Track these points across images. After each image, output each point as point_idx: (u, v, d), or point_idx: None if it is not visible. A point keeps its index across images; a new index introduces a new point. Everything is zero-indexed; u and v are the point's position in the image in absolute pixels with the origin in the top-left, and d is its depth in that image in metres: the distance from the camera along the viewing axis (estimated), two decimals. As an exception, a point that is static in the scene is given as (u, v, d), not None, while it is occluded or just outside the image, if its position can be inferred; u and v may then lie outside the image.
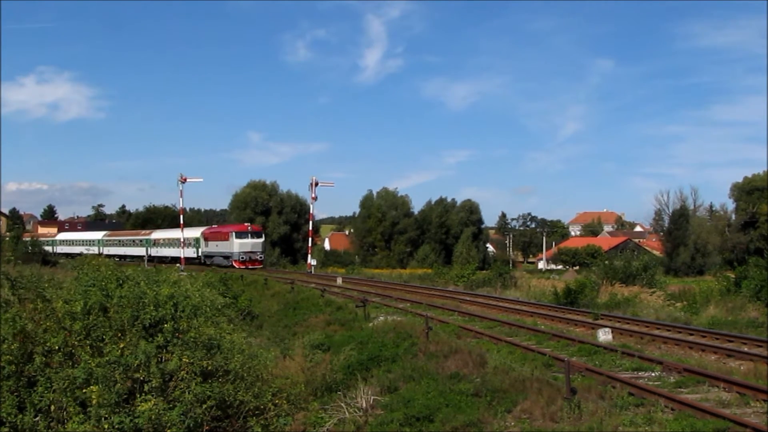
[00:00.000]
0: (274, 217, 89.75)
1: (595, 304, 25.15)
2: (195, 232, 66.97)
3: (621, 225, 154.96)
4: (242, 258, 56.35)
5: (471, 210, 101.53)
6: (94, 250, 79.79)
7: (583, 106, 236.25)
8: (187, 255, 62.86)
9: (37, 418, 10.08)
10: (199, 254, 63.49)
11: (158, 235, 75.32)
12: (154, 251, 70.94)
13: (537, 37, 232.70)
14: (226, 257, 58.17)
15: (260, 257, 58.28)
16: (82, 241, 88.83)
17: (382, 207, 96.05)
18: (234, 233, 57.82)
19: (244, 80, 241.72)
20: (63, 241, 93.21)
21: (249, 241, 57.70)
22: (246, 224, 61.99)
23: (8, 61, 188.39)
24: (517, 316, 21.27)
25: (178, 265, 57.80)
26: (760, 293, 25.25)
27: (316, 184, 58.63)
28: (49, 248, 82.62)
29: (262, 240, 59.91)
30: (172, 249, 68.07)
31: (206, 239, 63.29)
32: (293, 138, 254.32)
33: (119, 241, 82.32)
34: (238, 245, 56.88)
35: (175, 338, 11.09)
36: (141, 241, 76.61)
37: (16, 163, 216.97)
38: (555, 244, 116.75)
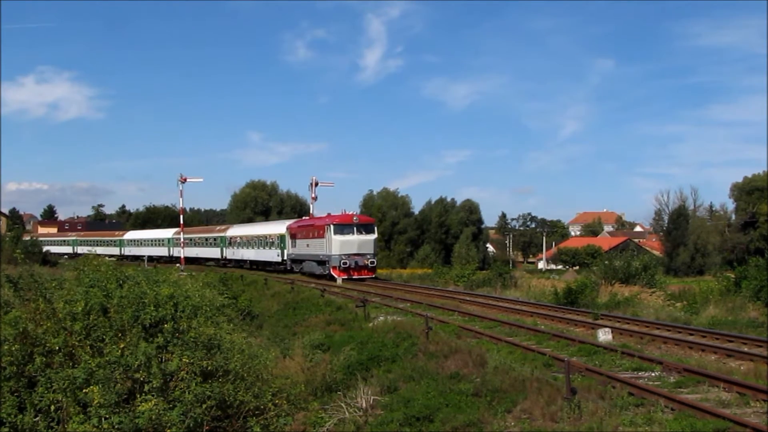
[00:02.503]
0: (274, 217, 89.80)
1: (595, 304, 25.15)
2: (278, 227, 50.58)
3: (621, 225, 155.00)
4: (345, 264, 38.60)
5: (471, 210, 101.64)
6: (162, 251, 70.93)
7: (583, 106, 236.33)
8: (267, 257, 50.47)
9: (37, 419, 10.09)
10: (285, 257, 47.64)
11: (235, 231, 60.16)
12: (230, 252, 58.21)
13: (537, 37, 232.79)
14: (321, 262, 40.66)
15: (371, 262, 39.53)
16: (151, 241, 76.49)
17: (383, 207, 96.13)
18: (332, 227, 39.33)
19: (244, 80, 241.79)
20: (131, 241, 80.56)
21: (355, 238, 39.19)
22: (351, 213, 42.02)
23: (8, 61, 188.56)
24: (517, 316, 21.27)
25: (177, 265, 56.47)
26: (760, 293, 25.26)
27: (316, 184, 58.62)
28: (115, 250, 77.65)
29: (374, 237, 40.36)
30: (254, 250, 53.65)
31: (293, 236, 46.05)
32: (293, 138, 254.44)
33: (191, 240, 67.26)
34: (338, 244, 38.93)
35: (175, 338, 11.09)
36: (215, 240, 62.55)
37: (16, 163, 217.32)
38: (555, 244, 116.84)
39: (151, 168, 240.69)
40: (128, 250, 78.07)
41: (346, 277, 38.34)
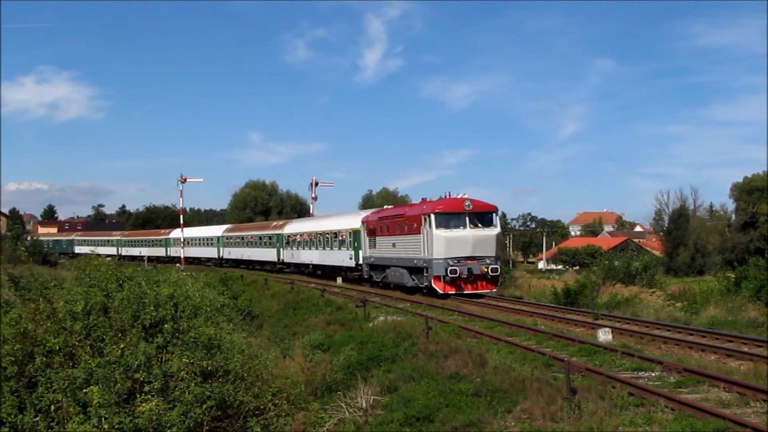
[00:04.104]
0: (274, 217, 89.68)
1: (595, 304, 25.15)
2: (350, 220, 37.76)
3: (621, 225, 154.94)
4: (454, 272, 25.96)
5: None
6: (210, 252, 61.99)
7: (583, 106, 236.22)
8: (335, 261, 38.82)
9: (37, 419, 10.10)
10: (360, 261, 35.14)
11: (295, 227, 47.39)
12: (289, 254, 46.77)
13: (537, 37, 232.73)
14: (415, 270, 28.35)
15: (493, 270, 26.75)
16: (200, 240, 66.07)
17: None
18: (433, 217, 26.67)
19: (244, 80, 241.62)
20: (177, 240, 68.88)
21: (468, 233, 26.58)
22: (461, 196, 28.03)
23: (8, 61, 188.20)
24: (517, 316, 21.26)
25: (178, 264, 56.02)
26: (760, 293, 25.28)
27: (316, 184, 58.70)
28: (161, 250, 70.50)
29: (495, 232, 27.54)
30: (318, 251, 41.31)
31: (371, 232, 33.13)
32: (293, 138, 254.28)
33: (241, 238, 56.69)
34: (442, 243, 26.37)
35: (175, 338, 11.10)
36: (270, 239, 50.44)
37: (16, 163, 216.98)
38: (555, 244, 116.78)
39: (151, 168, 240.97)
40: (174, 251, 68.36)
41: (454, 291, 26.21)
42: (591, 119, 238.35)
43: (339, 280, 38.41)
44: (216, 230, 64.39)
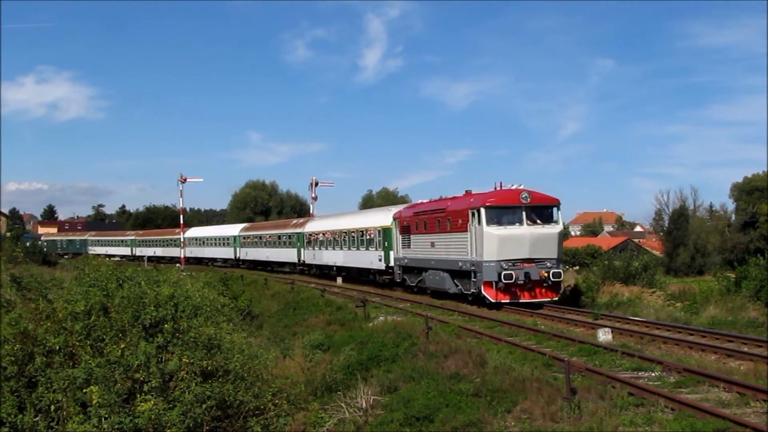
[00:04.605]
0: (274, 217, 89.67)
1: (595, 304, 25.14)
2: (379, 216, 33.98)
3: (621, 225, 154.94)
4: (508, 277, 22.28)
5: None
6: (227, 252, 58.86)
7: (583, 106, 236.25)
8: (362, 262, 34.90)
9: (37, 418, 10.10)
10: (391, 262, 31.46)
11: (317, 225, 43.29)
12: (310, 255, 42.84)
13: (537, 37, 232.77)
14: (460, 274, 24.80)
15: (555, 274, 22.93)
16: (215, 239, 62.32)
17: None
18: (484, 211, 22.98)
19: (244, 80, 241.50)
20: (194, 240, 66.48)
21: (525, 231, 22.96)
22: (516, 186, 24.12)
23: (8, 61, 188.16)
24: (517, 316, 21.26)
25: (178, 265, 55.70)
26: (760, 293, 25.25)
27: (316, 184, 58.66)
28: (176, 250, 66.47)
29: (557, 230, 23.88)
30: (343, 251, 37.44)
31: (405, 230, 29.54)
32: (293, 138, 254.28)
33: (259, 238, 52.70)
34: (495, 242, 22.70)
35: (175, 338, 11.10)
36: (290, 238, 46.67)
37: (16, 163, 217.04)
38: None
39: (151, 168, 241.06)
40: (189, 251, 66.05)
41: (508, 300, 22.52)
42: (591, 119, 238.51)
43: (339, 280, 38.28)
44: (232, 229, 60.64)
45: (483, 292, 22.92)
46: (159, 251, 72.47)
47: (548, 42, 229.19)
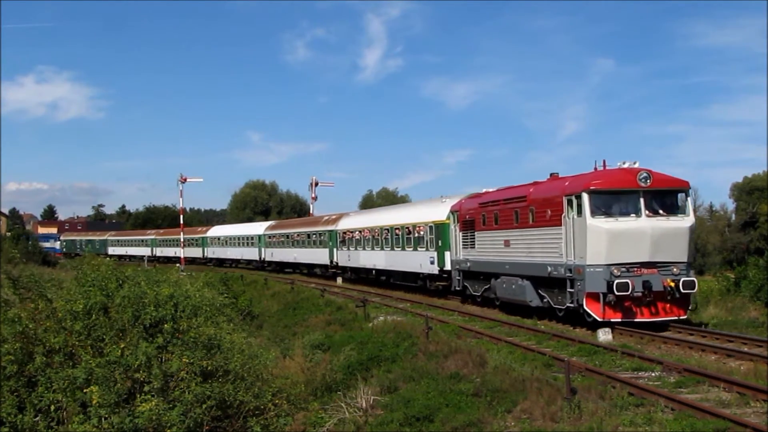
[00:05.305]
0: (274, 217, 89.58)
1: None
2: (431, 210, 29.01)
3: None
4: (625, 286, 16.38)
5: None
6: (251, 253, 54.83)
7: (583, 106, 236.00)
8: (407, 266, 30.16)
9: (37, 418, 10.11)
10: (447, 266, 26.50)
11: (352, 221, 38.95)
12: (344, 257, 38.21)
13: (537, 37, 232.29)
14: (551, 282, 19.07)
15: (687, 281, 17.01)
16: (239, 239, 57.96)
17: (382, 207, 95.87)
18: (587, 197, 17.06)
19: (244, 80, 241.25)
20: (214, 239, 62.85)
21: (645, 224, 16.95)
22: (629, 164, 17.81)
23: (8, 61, 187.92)
24: (517, 316, 21.25)
25: (177, 265, 55.66)
26: (760, 293, 25.23)
27: (316, 184, 58.76)
28: (198, 251, 64.24)
29: (688, 223, 17.49)
30: (384, 252, 32.60)
31: (467, 225, 24.31)
32: (293, 138, 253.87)
33: (287, 237, 47.95)
34: (604, 239, 16.88)
35: (175, 338, 11.11)
36: (321, 236, 42.17)
37: (16, 163, 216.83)
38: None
39: (151, 168, 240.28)
40: (212, 252, 62.67)
41: (620, 319, 17.08)
42: (591, 119, 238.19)
43: (339, 280, 38.22)
44: (257, 228, 56.04)
45: (585, 306, 17.24)
46: (180, 252, 69.26)
47: (548, 42, 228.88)
